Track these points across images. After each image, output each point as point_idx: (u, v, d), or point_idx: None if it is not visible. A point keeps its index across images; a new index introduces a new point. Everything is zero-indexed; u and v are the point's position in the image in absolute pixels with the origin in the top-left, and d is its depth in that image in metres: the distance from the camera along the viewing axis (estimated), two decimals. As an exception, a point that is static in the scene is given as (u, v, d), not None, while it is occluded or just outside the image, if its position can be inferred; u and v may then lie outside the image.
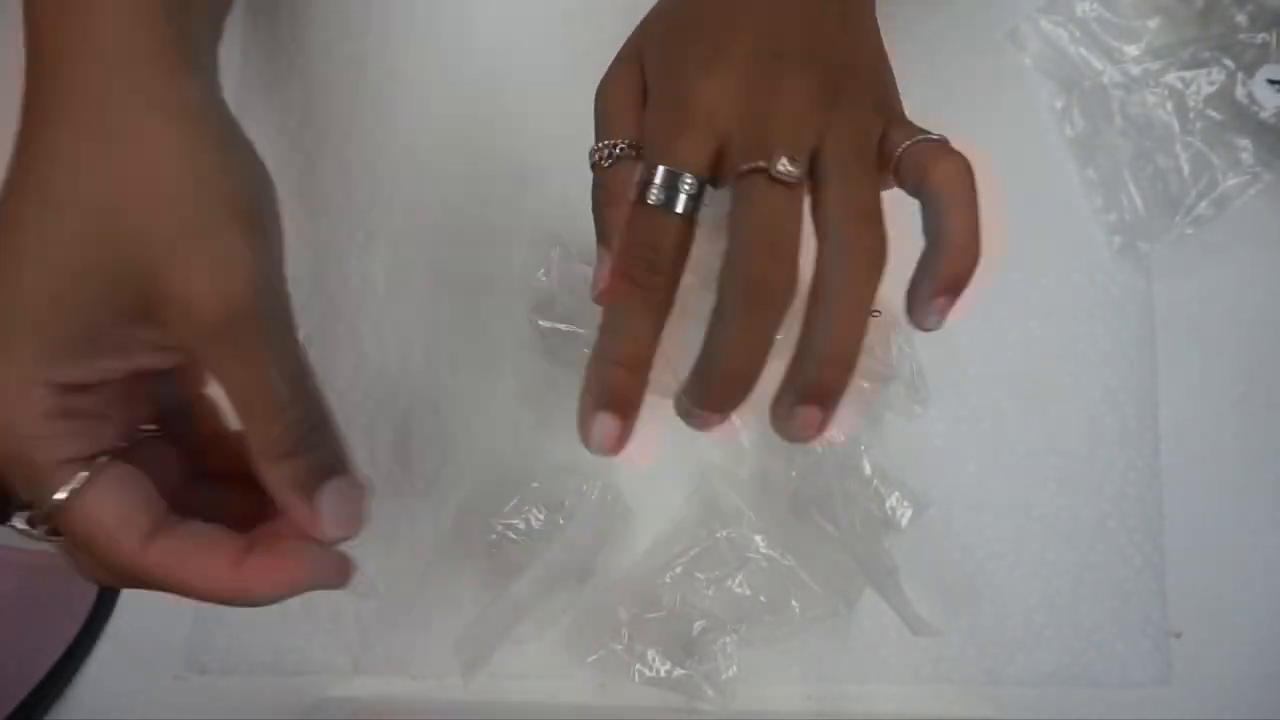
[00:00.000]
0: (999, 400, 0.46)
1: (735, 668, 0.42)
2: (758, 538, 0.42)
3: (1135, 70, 0.46)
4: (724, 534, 0.42)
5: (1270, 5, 0.45)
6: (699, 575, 0.42)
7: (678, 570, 0.42)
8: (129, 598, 0.46)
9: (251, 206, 0.29)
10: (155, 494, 0.29)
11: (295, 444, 0.29)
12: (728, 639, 0.42)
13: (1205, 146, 0.46)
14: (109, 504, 0.28)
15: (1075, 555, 0.45)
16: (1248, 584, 0.45)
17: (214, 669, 0.45)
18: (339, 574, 0.31)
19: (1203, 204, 0.45)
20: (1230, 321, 0.47)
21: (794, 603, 0.41)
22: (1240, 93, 0.45)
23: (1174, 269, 0.47)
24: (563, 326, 0.45)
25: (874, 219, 0.30)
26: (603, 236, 0.33)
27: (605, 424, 0.29)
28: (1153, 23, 0.48)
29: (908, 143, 0.32)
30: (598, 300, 0.32)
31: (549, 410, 0.46)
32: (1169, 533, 0.45)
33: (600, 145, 0.34)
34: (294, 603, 0.44)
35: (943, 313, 0.30)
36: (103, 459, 0.28)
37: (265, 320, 0.28)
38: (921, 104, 0.48)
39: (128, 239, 0.27)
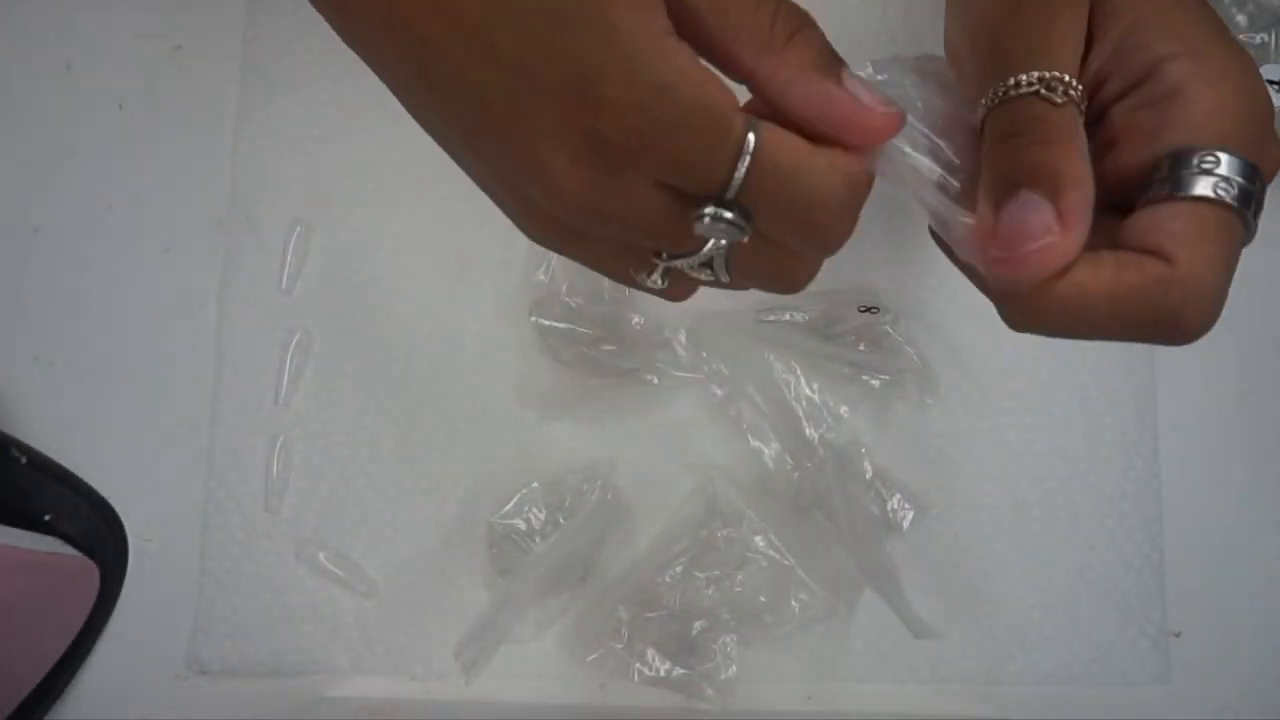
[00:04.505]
0: (999, 400, 0.46)
1: (735, 667, 0.42)
2: (758, 538, 0.42)
3: (1135, 70, 0.46)
4: (724, 534, 0.42)
5: (1270, 5, 0.45)
6: (699, 575, 0.42)
7: (678, 570, 0.42)
8: (129, 597, 0.46)
9: None
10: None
11: (796, 20, 0.25)
12: (728, 639, 0.42)
13: (1205, 146, 0.45)
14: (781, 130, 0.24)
15: (1075, 555, 0.45)
16: (1248, 584, 0.45)
17: (214, 669, 0.45)
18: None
19: (1203, 204, 0.45)
20: (1230, 322, 0.47)
21: (794, 603, 0.41)
22: (1240, 93, 0.45)
23: (1174, 269, 0.47)
24: (562, 326, 0.45)
25: None
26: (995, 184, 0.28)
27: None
28: (1153, 23, 0.48)
29: None
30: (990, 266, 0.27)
31: (549, 410, 0.46)
32: (1169, 533, 0.45)
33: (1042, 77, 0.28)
34: (294, 603, 0.45)
35: None
36: None
37: None
38: (921, 104, 0.48)
39: None
